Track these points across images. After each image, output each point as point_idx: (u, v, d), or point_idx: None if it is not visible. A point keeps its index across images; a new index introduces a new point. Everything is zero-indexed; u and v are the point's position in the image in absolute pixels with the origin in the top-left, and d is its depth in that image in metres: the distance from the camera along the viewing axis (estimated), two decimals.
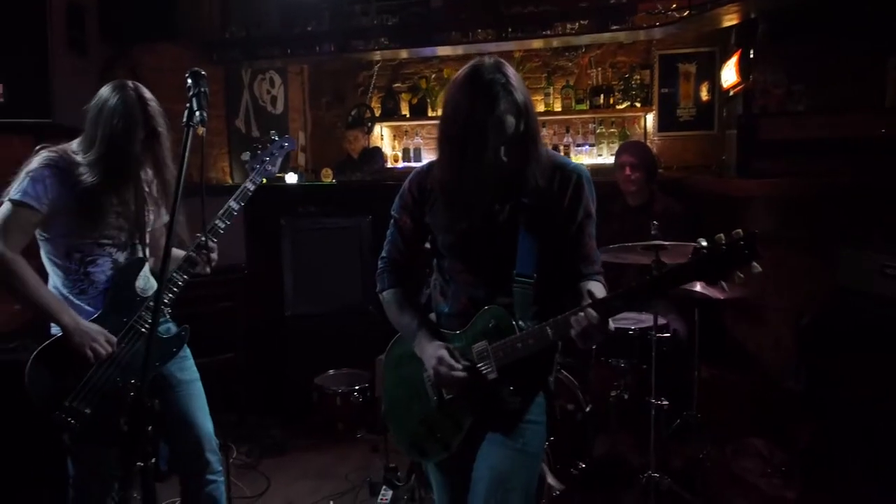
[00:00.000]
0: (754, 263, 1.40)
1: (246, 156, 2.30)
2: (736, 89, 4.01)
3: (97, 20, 3.26)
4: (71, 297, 2.07)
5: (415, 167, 5.25)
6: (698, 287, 2.84)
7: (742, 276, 1.42)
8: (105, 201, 2.05)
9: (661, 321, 2.93)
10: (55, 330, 2.02)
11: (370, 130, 5.35)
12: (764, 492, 2.95)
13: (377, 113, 5.37)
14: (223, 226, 2.18)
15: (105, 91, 2.05)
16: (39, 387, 1.96)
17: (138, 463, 1.36)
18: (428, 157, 5.33)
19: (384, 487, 3.04)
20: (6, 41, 2.92)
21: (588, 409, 2.96)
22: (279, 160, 2.39)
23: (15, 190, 1.97)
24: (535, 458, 1.73)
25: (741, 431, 3.26)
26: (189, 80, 1.67)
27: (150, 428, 1.38)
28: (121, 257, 2.12)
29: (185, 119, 1.61)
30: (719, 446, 3.19)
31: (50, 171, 1.98)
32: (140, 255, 2.18)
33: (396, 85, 5.39)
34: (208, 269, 2.11)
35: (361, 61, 5.28)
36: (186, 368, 2.24)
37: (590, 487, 2.90)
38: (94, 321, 2.03)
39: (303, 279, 4.05)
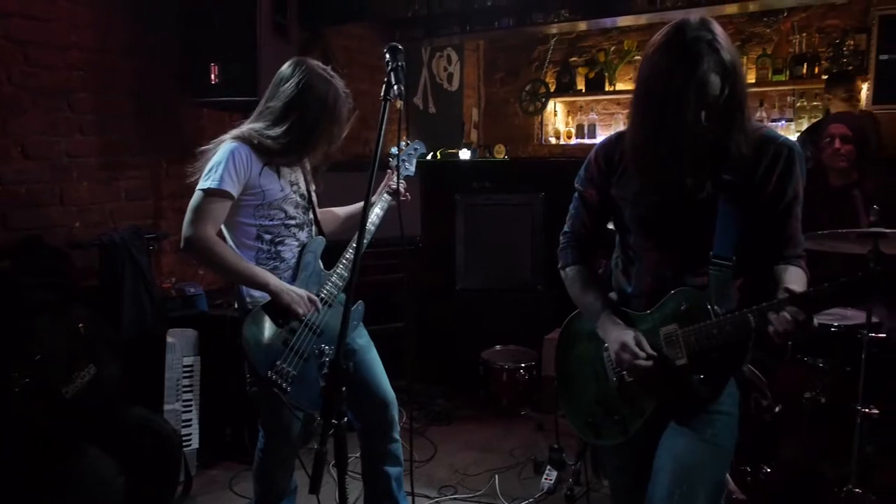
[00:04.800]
0: None
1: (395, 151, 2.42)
2: None
3: (297, 5, 3.49)
4: None
5: (588, 143, 5.13)
6: None
7: None
8: (286, 180, 2.15)
9: (874, 319, 2.57)
10: (249, 301, 2.13)
11: (544, 106, 5.27)
12: None
13: (552, 88, 5.27)
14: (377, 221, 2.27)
15: (294, 73, 2.10)
16: (255, 350, 2.05)
17: (333, 421, 1.42)
18: (603, 133, 5.15)
19: (549, 467, 3.01)
20: (222, 28, 3.21)
21: (777, 409, 2.70)
22: (415, 161, 2.50)
23: (205, 179, 2.04)
24: (725, 453, 1.60)
25: None
26: (387, 55, 1.68)
27: (344, 389, 1.45)
28: (302, 236, 2.21)
29: (382, 92, 1.63)
30: None
31: (236, 158, 2.04)
32: (316, 232, 2.27)
33: (573, 59, 5.26)
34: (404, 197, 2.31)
35: (538, 35, 5.21)
36: (363, 335, 2.35)
37: (775, 495, 2.65)
38: None
39: (474, 254, 4.10)
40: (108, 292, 2.94)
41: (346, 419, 1.47)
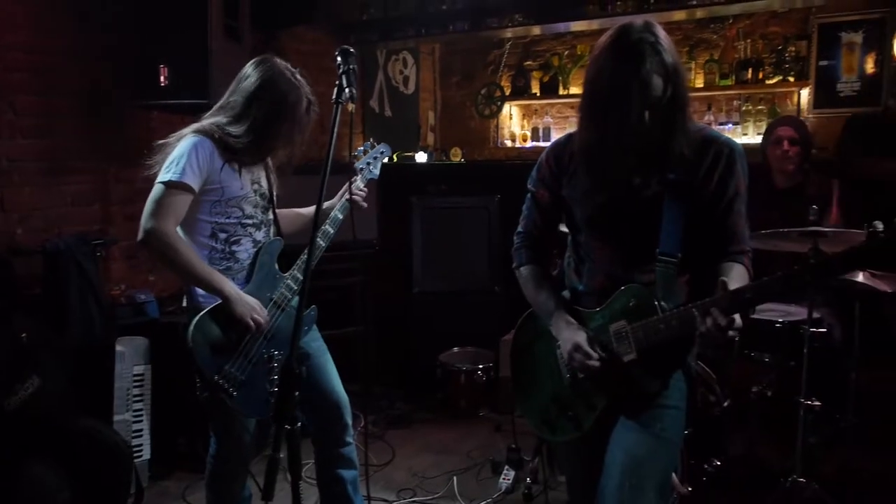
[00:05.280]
0: None
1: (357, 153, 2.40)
2: None
3: (249, 8, 3.44)
4: None
5: (544, 146, 5.18)
6: (860, 277, 2.57)
7: None
8: (247, 178, 2.13)
9: (815, 315, 2.67)
10: (202, 300, 2.07)
11: (499, 109, 5.32)
12: None
13: (507, 92, 5.32)
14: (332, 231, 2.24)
15: (257, 69, 2.09)
16: (202, 351, 2.01)
17: (286, 426, 1.41)
18: (557, 136, 5.21)
19: (506, 467, 3.04)
20: (172, 30, 3.14)
21: (726, 404, 2.78)
22: (379, 164, 2.48)
23: (165, 172, 2.00)
24: (673, 445, 1.64)
25: None
26: (338, 58, 1.67)
27: (296, 393, 1.43)
28: (259, 236, 2.17)
29: (334, 96, 1.62)
30: (878, 456, 2.89)
31: (199, 151, 2.01)
32: (275, 233, 2.24)
33: (527, 63, 5.31)
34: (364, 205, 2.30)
35: (493, 39, 5.25)
36: (316, 339, 2.33)
37: (724, 487, 2.73)
38: None
39: (431, 257, 4.11)
40: (53, 300, 2.85)
41: (299, 424, 1.45)
